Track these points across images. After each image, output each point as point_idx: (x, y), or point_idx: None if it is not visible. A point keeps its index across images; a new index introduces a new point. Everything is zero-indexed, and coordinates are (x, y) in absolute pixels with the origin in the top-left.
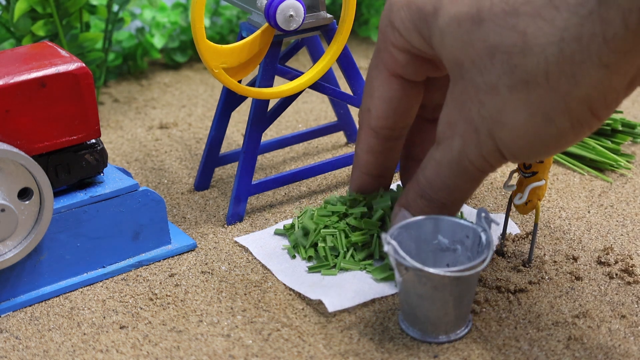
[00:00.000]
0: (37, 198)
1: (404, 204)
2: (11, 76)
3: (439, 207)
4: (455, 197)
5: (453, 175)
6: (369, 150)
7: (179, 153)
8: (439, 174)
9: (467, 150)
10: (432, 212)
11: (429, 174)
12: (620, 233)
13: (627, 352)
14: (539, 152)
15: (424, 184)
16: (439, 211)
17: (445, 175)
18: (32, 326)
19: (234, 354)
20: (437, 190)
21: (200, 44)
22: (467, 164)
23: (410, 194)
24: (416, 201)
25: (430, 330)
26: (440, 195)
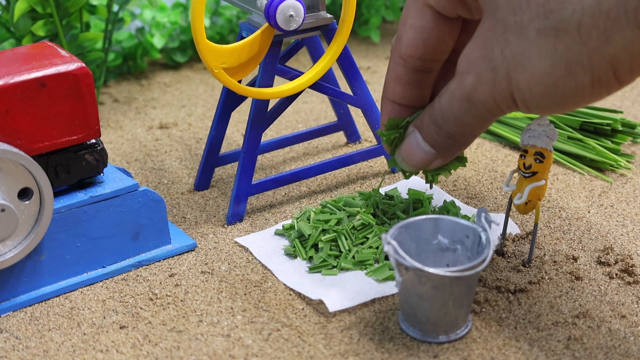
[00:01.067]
0: (37, 198)
1: (417, 125)
2: (11, 76)
3: (447, 137)
4: (463, 131)
5: (463, 109)
6: (396, 79)
7: (179, 153)
8: (450, 104)
9: (479, 88)
10: (440, 140)
11: (443, 102)
12: (620, 233)
13: (627, 352)
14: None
15: (437, 110)
16: (447, 141)
17: (456, 107)
18: (32, 326)
19: (234, 354)
20: (448, 119)
21: (200, 44)
22: (477, 102)
23: (425, 116)
24: (429, 125)
25: (430, 330)
26: (450, 126)
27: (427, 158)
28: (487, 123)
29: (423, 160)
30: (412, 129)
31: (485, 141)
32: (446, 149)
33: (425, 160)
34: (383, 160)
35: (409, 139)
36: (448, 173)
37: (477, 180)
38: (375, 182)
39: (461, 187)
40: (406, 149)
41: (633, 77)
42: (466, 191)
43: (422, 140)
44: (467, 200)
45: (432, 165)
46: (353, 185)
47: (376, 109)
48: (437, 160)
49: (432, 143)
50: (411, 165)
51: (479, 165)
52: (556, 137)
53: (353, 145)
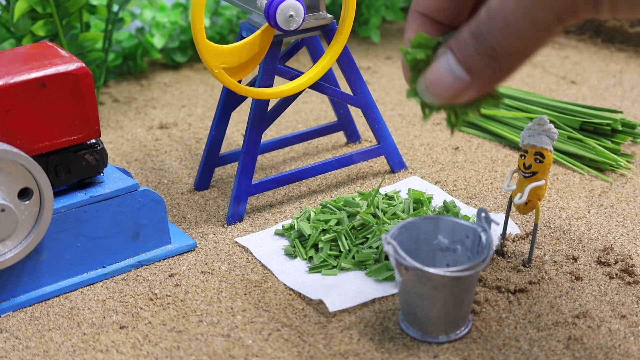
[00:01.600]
0: (37, 198)
1: (451, 45)
2: (11, 76)
3: (490, 56)
4: (514, 45)
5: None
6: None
7: (179, 153)
8: (504, 7)
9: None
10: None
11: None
12: (620, 233)
13: (627, 352)
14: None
15: (482, 19)
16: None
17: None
18: (32, 326)
19: (234, 354)
20: (496, 30)
21: (200, 44)
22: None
23: (463, 32)
24: (467, 42)
25: (430, 330)
26: (497, 38)
27: (458, 86)
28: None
29: (453, 89)
30: (444, 49)
31: (485, 141)
32: (485, 74)
33: (455, 88)
34: (383, 160)
35: (437, 62)
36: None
37: (477, 180)
38: (375, 182)
39: (461, 187)
40: (433, 73)
41: None
42: (466, 191)
43: (455, 63)
44: (467, 200)
45: (462, 98)
46: (353, 185)
47: (376, 109)
48: (470, 90)
49: (468, 65)
50: (436, 95)
51: (479, 165)
52: (556, 137)
53: (353, 145)
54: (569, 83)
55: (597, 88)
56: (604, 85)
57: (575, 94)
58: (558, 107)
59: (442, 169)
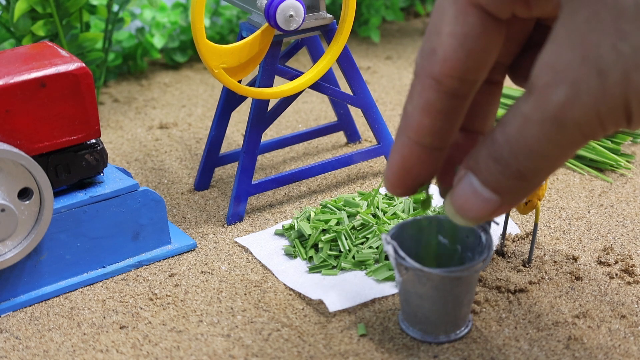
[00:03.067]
0: (37, 198)
1: (471, 167)
2: (11, 76)
3: (517, 177)
4: (540, 166)
5: (545, 137)
6: (425, 109)
7: (179, 153)
8: (524, 133)
9: (576, 103)
10: (507, 182)
11: (511, 132)
12: (620, 233)
13: (627, 352)
14: None
15: (501, 143)
16: (516, 183)
17: (534, 136)
18: (32, 326)
19: (234, 354)
20: (518, 154)
21: (200, 44)
22: (570, 124)
23: (481, 155)
24: (488, 165)
25: (430, 330)
26: (522, 162)
27: (489, 207)
28: (573, 152)
29: (484, 211)
30: (465, 171)
31: None
32: (514, 193)
33: (486, 210)
34: (383, 160)
35: (462, 185)
36: None
37: None
38: (375, 182)
39: None
40: (460, 198)
41: None
42: None
43: (480, 185)
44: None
45: (493, 216)
46: (353, 185)
47: (376, 108)
48: (500, 209)
49: (494, 187)
50: (468, 218)
51: None
52: None
53: (353, 145)
54: None
55: None
56: None
57: None
58: None
59: None
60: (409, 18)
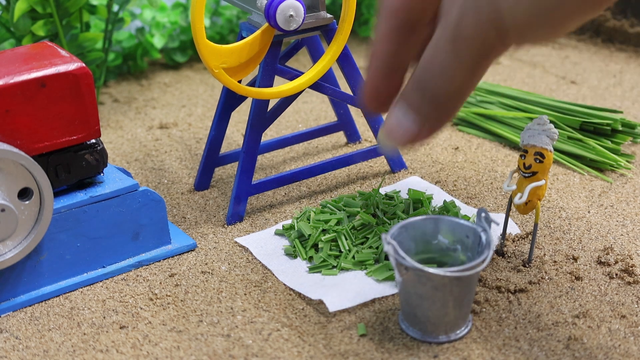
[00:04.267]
0: (37, 198)
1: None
2: (11, 76)
3: (432, 101)
4: (450, 88)
5: (448, 57)
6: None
7: (179, 153)
8: (434, 55)
9: (463, 22)
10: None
11: (426, 56)
12: (620, 233)
13: (627, 352)
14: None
15: (420, 69)
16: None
17: (440, 56)
18: (32, 326)
19: (234, 354)
20: (432, 77)
21: (200, 44)
22: (462, 42)
23: (407, 85)
24: (412, 91)
25: (430, 330)
26: (434, 85)
27: (411, 131)
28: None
29: (407, 134)
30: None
31: (485, 141)
32: (432, 117)
33: (409, 133)
34: (383, 160)
35: (394, 112)
36: None
37: (477, 180)
38: (375, 182)
39: (461, 187)
40: (388, 123)
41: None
42: (466, 191)
43: (406, 111)
44: (467, 200)
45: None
46: (353, 185)
47: None
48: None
49: (416, 111)
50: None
51: (479, 165)
52: (556, 137)
53: (353, 145)
54: (569, 83)
55: (597, 88)
56: (604, 85)
57: (575, 94)
58: (558, 107)
59: (442, 169)
60: None
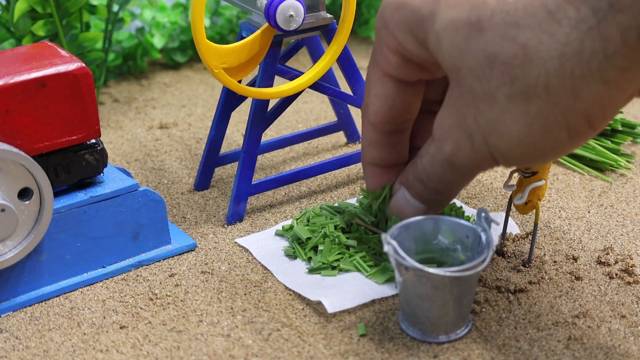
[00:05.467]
0: (37, 198)
1: (403, 182)
2: (11, 76)
3: (435, 193)
4: (449, 187)
5: (446, 171)
6: (371, 144)
7: (179, 153)
8: (433, 166)
9: (459, 154)
10: (429, 196)
11: (425, 163)
12: (620, 233)
13: (627, 352)
14: (533, 160)
15: (421, 170)
16: (435, 197)
17: (438, 169)
18: (32, 326)
19: (234, 354)
20: (432, 179)
21: (200, 44)
22: (458, 166)
23: (410, 175)
24: (414, 184)
25: (430, 330)
26: (435, 184)
27: (417, 212)
28: (471, 178)
29: (414, 215)
30: (399, 185)
31: None
32: (435, 202)
33: (416, 214)
34: None
35: (397, 197)
36: None
37: (477, 180)
38: None
39: None
40: (396, 205)
41: (607, 122)
42: (466, 191)
43: (410, 197)
44: (467, 200)
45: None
46: (353, 185)
47: None
48: (428, 212)
49: (420, 199)
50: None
51: None
52: None
53: (353, 145)
54: None
55: None
56: None
57: None
58: None
59: None
60: None
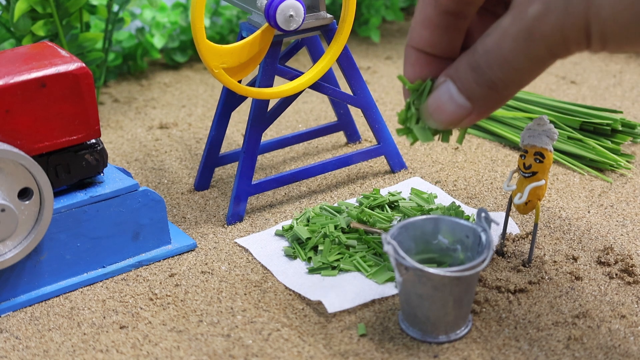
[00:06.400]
0: (37, 198)
1: (451, 75)
2: (11, 76)
3: (489, 87)
4: (511, 78)
5: (517, 49)
6: (424, 22)
7: (179, 153)
8: (501, 44)
9: (545, 19)
10: (479, 90)
11: (490, 43)
12: (620, 233)
13: (627, 352)
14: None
15: (480, 53)
16: (488, 92)
17: (508, 48)
18: (32, 326)
19: (234, 354)
20: (493, 64)
21: (200, 44)
22: (539, 38)
23: (461, 63)
24: (466, 73)
25: (430, 330)
26: (495, 72)
27: (460, 112)
28: (541, 69)
29: (455, 115)
30: (444, 78)
31: (485, 141)
32: (484, 102)
33: (458, 115)
34: (383, 160)
35: (439, 91)
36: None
37: (477, 180)
38: (375, 182)
39: (461, 187)
40: (436, 100)
41: None
42: (466, 191)
43: (456, 92)
44: (467, 200)
45: (464, 123)
46: (353, 185)
47: (376, 109)
48: (471, 116)
49: (468, 94)
50: (440, 121)
51: (479, 165)
52: (556, 137)
53: (353, 145)
54: (569, 83)
55: (597, 88)
56: (604, 85)
57: (575, 94)
58: (558, 107)
59: (442, 169)
60: (409, 18)
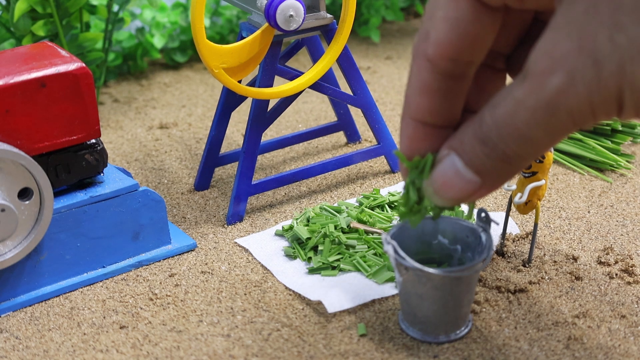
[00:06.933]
0: (37, 198)
1: (455, 147)
2: (11, 76)
3: (502, 160)
4: (527, 151)
5: (535, 122)
6: (422, 89)
7: (179, 153)
8: (515, 117)
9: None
10: (490, 164)
11: (501, 115)
12: (620, 233)
13: (627, 352)
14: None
15: (489, 125)
16: (500, 165)
17: (524, 120)
18: (32, 326)
19: (234, 354)
20: (507, 137)
21: (200, 44)
22: (562, 111)
23: (467, 135)
24: (473, 146)
25: (430, 330)
26: (509, 145)
27: (469, 188)
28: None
29: (464, 191)
30: (447, 151)
31: None
32: (497, 175)
33: (467, 190)
34: (383, 160)
35: (443, 165)
36: None
37: None
38: (375, 182)
39: None
40: (441, 177)
41: None
42: None
43: (462, 166)
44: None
45: (472, 198)
46: (353, 185)
47: (376, 109)
48: (481, 191)
49: (477, 168)
50: (448, 199)
51: None
52: None
53: (353, 145)
54: None
55: None
56: None
57: None
58: None
59: None
60: (409, 18)
